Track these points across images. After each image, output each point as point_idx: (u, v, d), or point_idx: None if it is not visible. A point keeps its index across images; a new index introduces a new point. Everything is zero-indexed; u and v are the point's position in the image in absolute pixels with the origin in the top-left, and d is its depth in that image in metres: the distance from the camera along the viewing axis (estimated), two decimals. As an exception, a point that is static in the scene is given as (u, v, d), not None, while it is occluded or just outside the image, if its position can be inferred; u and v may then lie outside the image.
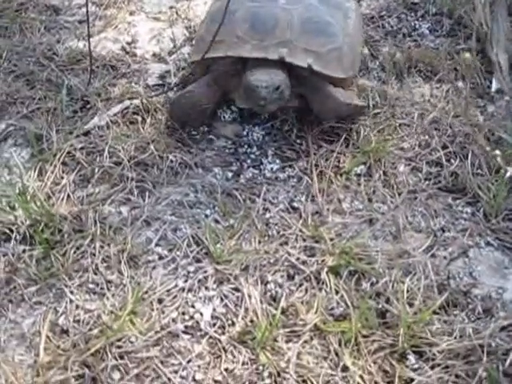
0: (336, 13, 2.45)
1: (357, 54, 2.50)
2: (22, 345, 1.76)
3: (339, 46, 2.35)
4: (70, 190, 2.15)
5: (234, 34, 2.32)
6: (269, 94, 2.16)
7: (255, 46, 2.28)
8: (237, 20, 2.34)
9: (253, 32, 2.30)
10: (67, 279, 1.88)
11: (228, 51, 2.31)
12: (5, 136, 2.40)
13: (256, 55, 2.26)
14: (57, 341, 1.75)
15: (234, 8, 2.33)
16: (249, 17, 2.34)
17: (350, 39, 2.42)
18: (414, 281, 1.84)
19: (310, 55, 2.28)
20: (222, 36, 2.31)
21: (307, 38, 2.31)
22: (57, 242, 1.98)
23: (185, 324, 1.76)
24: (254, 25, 2.32)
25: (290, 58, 2.26)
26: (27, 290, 1.88)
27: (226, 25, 2.30)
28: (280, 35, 2.29)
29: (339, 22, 2.42)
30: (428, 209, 2.09)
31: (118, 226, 2.01)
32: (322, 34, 2.34)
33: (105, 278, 1.88)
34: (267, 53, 2.26)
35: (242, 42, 2.30)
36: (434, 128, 2.36)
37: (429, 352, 1.68)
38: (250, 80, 2.18)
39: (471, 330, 1.72)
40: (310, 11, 2.38)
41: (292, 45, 2.28)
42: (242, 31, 2.31)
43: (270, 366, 1.65)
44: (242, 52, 2.29)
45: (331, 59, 2.32)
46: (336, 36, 2.37)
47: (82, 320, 1.78)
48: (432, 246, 1.97)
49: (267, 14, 2.34)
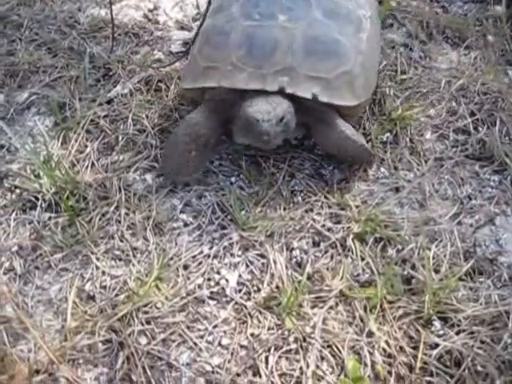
0: (346, 27, 2.10)
1: (372, 74, 2.19)
2: (49, 310, 1.79)
3: (350, 68, 2.03)
4: (94, 157, 2.16)
5: (228, 60, 2.02)
6: (272, 128, 1.89)
7: (252, 75, 1.98)
8: (232, 43, 2.04)
9: (249, 58, 2.00)
10: (93, 246, 1.89)
11: (221, 81, 2.01)
12: (28, 105, 2.41)
13: (253, 86, 1.97)
14: (84, 306, 1.77)
15: (228, 27, 2.08)
16: (244, 39, 2.04)
17: (362, 58, 2.08)
18: (439, 248, 1.83)
19: (315, 83, 1.98)
20: (215, 61, 2.05)
21: (312, 62, 2.00)
22: (82, 209, 1.99)
23: (210, 290, 1.77)
24: (250, 49, 2.01)
25: (292, 89, 1.97)
26: (53, 256, 1.89)
27: (220, 47, 2.06)
28: (280, 61, 1.99)
29: (350, 39, 2.08)
30: (455, 176, 2.07)
31: (143, 194, 2.02)
32: (330, 56, 2.03)
33: (130, 244, 1.89)
34: (265, 83, 1.97)
35: (238, 70, 2.00)
36: (461, 95, 2.33)
37: (454, 318, 1.68)
38: (250, 112, 1.90)
39: (497, 297, 1.72)
40: (314, 29, 2.05)
41: (294, 72, 1.98)
42: (237, 57, 2.01)
43: (295, 331, 1.66)
44: (236, 82, 1.99)
45: (340, 85, 2.01)
46: (346, 56, 2.04)
47: (109, 286, 1.80)
48: (458, 213, 1.96)
49: (265, 36, 2.03)
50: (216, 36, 2.10)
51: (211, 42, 2.10)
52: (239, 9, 2.14)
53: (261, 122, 1.87)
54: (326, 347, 1.64)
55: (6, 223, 2.00)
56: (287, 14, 2.07)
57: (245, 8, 2.13)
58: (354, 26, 2.12)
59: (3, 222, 2.01)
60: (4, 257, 1.91)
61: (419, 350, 1.63)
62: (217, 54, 2.06)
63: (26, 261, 1.90)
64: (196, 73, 2.10)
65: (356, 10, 2.18)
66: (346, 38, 2.08)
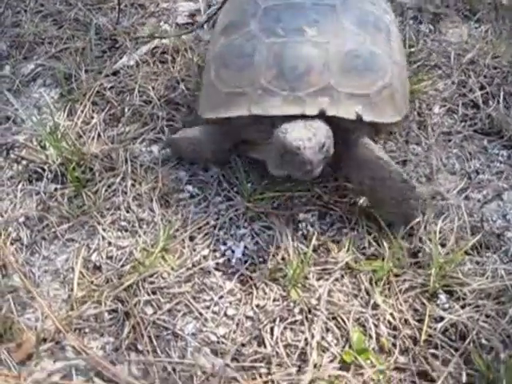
0: (378, 36, 1.94)
1: (407, 84, 2.04)
2: (56, 280, 1.80)
3: (389, 81, 1.87)
4: (100, 129, 2.15)
5: (256, 84, 1.82)
6: (315, 156, 1.68)
7: (287, 99, 1.78)
8: (258, 64, 1.84)
9: (281, 80, 1.81)
10: (99, 217, 1.90)
11: (252, 108, 1.80)
12: (33, 76, 2.40)
13: (290, 111, 1.77)
14: (90, 276, 1.78)
15: (250, 47, 1.88)
16: (273, 59, 1.83)
17: (398, 68, 1.94)
18: (446, 222, 1.83)
19: (357, 101, 1.80)
20: (240, 86, 1.85)
21: (350, 78, 1.82)
22: (88, 180, 1.99)
23: (216, 261, 1.78)
24: (281, 70, 1.81)
25: (333, 110, 1.77)
26: (60, 227, 1.90)
27: (245, 70, 1.86)
28: (316, 80, 1.80)
29: (384, 49, 1.92)
30: (463, 151, 2.05)
31: (149, 165, 2.01)
32: (368, 71, 1.85)
33: (136, 215, 1.89)
34: (304, 106, 1.77)
35: (269, 94, 1.80)
36: (471, 69, 2.30)
37: (460, 292, 1.68)
38: (288, 140, 1.68)
39: (503, 271, 1.72)
40: (347, 41, 1.87)
41: (334, 91, 1.79)
42: (266, 79, 1.82)
43: (300, 302, 1.66)
44: (270, 108, 1.79)
45: (382, 101, 1.85)
46: (383, 69, 1.88)
47: (115, 256, 1.81)
48: (466, 188, 1.95)
49: (296, 54, 1.83)
50: (237, 58, 1.89)
51: (231, 64, 1.90)
52: (258, 25, 1.93)
53: (302, 150, 1.66)
54: (331, 319, 1.64)
55: (12, 194, 2.01)
56: (315, 27, 1.88)
57: (264, 23, 1.92)
58: (384, 34, 1.97)
59: (10, 192, 2.01)
60: (11, 227, 1.92)
61: (424, 322, 1.63)
62: (241, 77, 1.86)
63: (32, 231, 1.91)
64: (217, 100, 1.90)
65: (382, 16, 2.02)
66: (381, 48, 1.92)
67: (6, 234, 1.90)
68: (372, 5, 2.03)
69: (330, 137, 1.75)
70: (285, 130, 1.72)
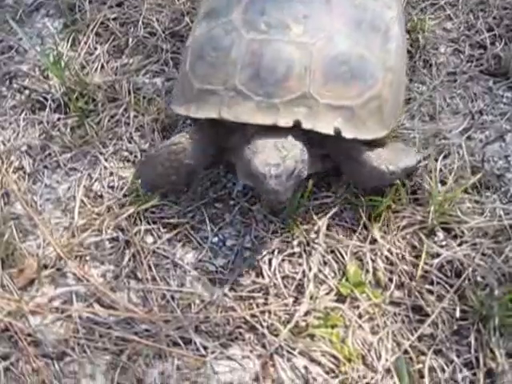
0: (372, 37, 1.74)
1: (401, 91, 1.85)
2: (57, 208, 1.82)
3: (378, 91, 1.69)
4: (104, 60, 2.14)
5: (230, 84, 1.67)
6: (282, 185, 1.53)
7: (260, 105, 1.62)
8: (234, 62, 1.68)
9: (256, 82, 1.64)
10: (101, 147, 1.90)
11: (222, 111, 1.65)
12: (36, 6, 2.37)
13: (262, 121, 1.62)
14: (91, 205, 1.80)
15: (228, 41, 1.71)
16: (250, 58, 1.66)
17: (392, 75, 1.74)
18: (447, 161, 1.82)
19: (338, 114, 1.64)
20: (213, 83, 1.70)
21: (333, 87, 1.65)
22: (91, 110, 2.00)
23: (217, 193, 1.79)
24: (258, 72, 1.64)
25: (310, 123, 1.62)
26: (62, 156, 1.91)
27: (219, 67, 1.70)
28: (295, 87, 1.63)
29: (377, 53, 1.73)
30: (467, 91, 2.03)
31: (152, 97, 2.01)
32: (354, 79, 1.67)
33: (139, 146, 1.90)
34: (277, 116, 1.61)
35: (242, 97, 1.65)
36: (480, 9, 2.25)
37: (457, 229, 1.69)
38: (254, 164, 1.55)
39: (502, 211, 1.72)
40: (335, 44, 1.68)
41: (313, 100, 1.63)
42: (241, 81, 1.66)
43: (299, 235, 1.68)
44: (241, 114, 1.63)
45: (367, 114, 1.68)
46: (373, 77, 1.69)
47: (116, 186, 1.83)
48: (469, 128, 1.93)
49: (276, 55, 1.65)
50: (213, 51, 1.72)
51: (207, 57, 1.73)
52: (241, 15, 1.75)
53: (267, 180, 1.52)
54: (328, 252, 1.66)
55: (15, 123, 2.02)
56: (302, 24, 1.70)
57: (248, 15, 1.74)
58: (380, 35, 1.76)
59: (12, 122, 2.02)
60: (14, 156, 1.93)
61: (421, 259, 1.64)
62: (215, 74, 1.70)
63: (34, 160, 1.92)
64: (189, 96, 1.74)
65: (383, 13, 1.82)
66: (373, 52, 1.72)
67: (9, 162, 1.91)
68: (374, 0, 1.84)
69: (304, 160, 1.61)
70: (253, 149, 1.59)
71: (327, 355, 1.49)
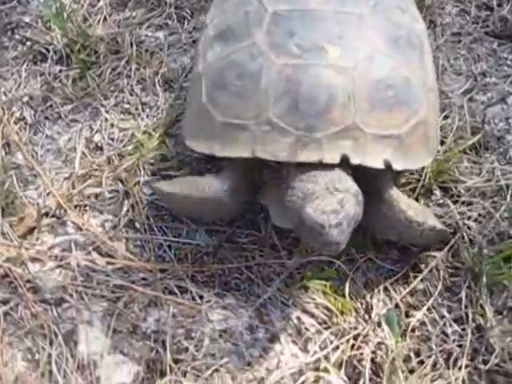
0: (412, 56, 1.57)
1: (438, 110, 1.69)
2: (58, 159, 1.83)
3: (425, 116, 1.53)
4: (106, 12, 2.13)
5: (263, 118, 1.45)
6: (343, 234, 1.31)
7: (301, 141, 1.42)
8: (265, 91, 1.46)
9: (295, 115, 1.43)
10: (103, 99, 1.91)
11: (256, 150, 1.44)
12: (39, -43, 2.35)
13: (304, 158, 1.41)
14: (92, 156, 1.81)
15: (255, 67, 1.48)
16: (285, 87, 1.45)
17: (433, 95, 1.60)
18: (447, 121, 1.83)
19: (386, 144, 1.46)
20: (240, 117, 1.48)
21: (380, 114, 1.46)
22: (93, 63, 2.00)
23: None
24: (296, 102, 1.43)
25: (358, 157, 1.42)
26: (63, 108, 1.92)
27: (248, 97, 1.48)
28: (339, 117, 1.43)
29: (419, 73, 1.56)
30: (471, 52, 2.02)
31: (155, 50, 2.01)
32: (402, 105, 1.49)
33: (140, 99, 1.91)
34: (322, 152, 1.41)
35: (279, 132, 1.43)
36: (487, -31, 2.23)
37: (454, 189, 1.70)
38: (307, 213, 1.32)
39: (499, 172, 1.72)
40: (377, 67, 1.50)
41: (358, 131, 1.43)
42: (276, 113, 1.44)
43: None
44: (280, 152, 1.42)
45: (416, 141, 1.51)
46: (419, 101, 1.52)
47: (117, 138, 1.84)
48: (471, 89, 1.93)
49: (315, 82, 1.44)
50: (237, 79, 1.50)
51: (230, 86, 1.50)
52: (265, 37, 1.52)
53: (327, 230, 1.29)
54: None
55: (17, 74, 2.02)
56: (339, 46, 1.50)
57: (274, 36, 1.51)
58: (417, 53, 1.60)
59: (14, 72, 2.02)
60: (15, 107, 1.94)
61: (417, 216, 1.66)
62: (242, 105, 1.48)
63: (36, 111, 1.93)
64: (210, 131, 1.52)
65: (414, 27, 1.64)
66: (414, 72, 1.55)
67: (10, 113, 1.92)
68: (402, 12, 1.65)
69: (361, 201, 1.39)
70: (300, 194, 1.38)
71: (320, 307, 1.52)
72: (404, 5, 1.68)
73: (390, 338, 1.44)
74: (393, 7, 1.64)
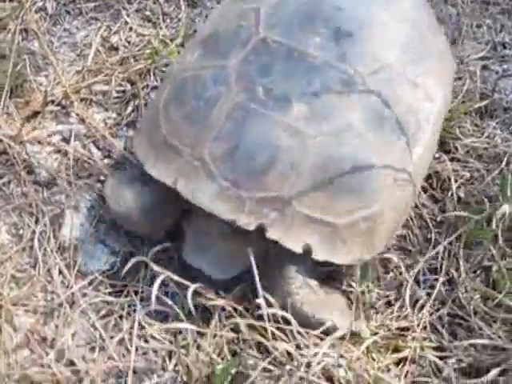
0: (394, 141, 1.38)
1: (407, 210, 1.48)
2: (72, 52, 1.87)
3: (376, 211, 1.34)
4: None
5: (198, 152, 1.34)
6: None
7: (224, 193, 1.31)
8: (211, 124, 1.35)
9: (227, 164, 1.32)
10: (126, 2, 1.93)
11: (179, 183, 1.34)
12: None
13: (219, 213, 1.30)
14: (106, 55, 1.83)
15: (215, 93, 1.37)
16: (229, 129, 1.33)
17: (401, 193, 1.39)
18: (458, 83, 1.83)
19: (315, 231, 1.31)
20: (182, 141, 1.37)
21: (322, 196, 1.31)
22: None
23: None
24: (234, 150, 1.32)
25: (276, 233, 1.30)
26: (86, 4, 1.95)
27: (194, 121, 1.37)
28: (272, 184, 1.30)
29: (392, 162, 1.36)
30: (496, 23, 2.03)
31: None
32: (350, 192, 1.33)
33: (162, 9, 1.93)
34: (240, 214, 1.30)
35: (207, 174, 1.32)
36: None
37: (452, 146, 1.71)
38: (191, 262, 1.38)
39: (499, 139, 1.74)
40: (340, 144, 1.33)
41: (289, 207, 1.30)
42: (211, 153, 1.33)
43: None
44: (198, 196, 1.31)
45: (353, 236, 1.34)
46: (375, 195, 1.34)
47: (133, 42, 1.86)
48: (488, 58, 1.94)
49: (261, 137, 1.32)
50: (194, 99, 1.38)
51: (186, 104, 1.39)
52: (240, 64, 1.39)
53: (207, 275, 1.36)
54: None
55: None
56: (309, 105, 1.34)
57: (248, 67, 1.38)
58: (404, 141, 1.38)
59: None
60: (38, -3, 1.95)
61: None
62: (187, 129, 1.37)
63: (58, 4, 1.95)
64: (153, 141, 1.42)
65: (420, 107, 1.43)
66: (386, 161, 1.35)
67: (33, 1, 1.93)
68: (413, 87, 1.43)
69: None
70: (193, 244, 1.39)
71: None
72: (421, 79, 1.45)
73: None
74: (403, 79, 1.43)
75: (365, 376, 1.29)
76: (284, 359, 1.26)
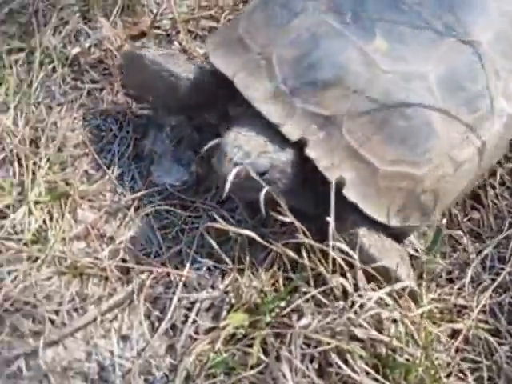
0: (462, 114, 1.33)
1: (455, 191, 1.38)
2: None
3: (422, 174, 1.30)
4: None
5: (267, 51, 1.35)
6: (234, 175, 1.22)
7: (278, 95, 1.30)
8: (288, 31, 1.36)
9: (292, 69, 1.32)
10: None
11: (237, 76, 1.34)
12: None
13: (266, 112, 1.29)
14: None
15: (300, 5, 1.38)
16: (305, 39, 1.34)
17: (452, 167, 1.33)
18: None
19: (355, 166, 1.28)
20: (255, 39, 1.38)
21: (372, 133, 1.28)
22: None
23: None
24: (301, 58, 1.32)
25: (315, 152, 1.27)
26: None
27: (273, 25, 1.38)
28: (329, 102, 1.29)
29: (458, 127, 1.32)
30: None
31: None
32: (403, 140, 1.29)
33: None
34: (287, 119, 1.29)
35: (268, 74, 1.33)
36: None
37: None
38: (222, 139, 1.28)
39: None
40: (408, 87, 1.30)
41: (338, 131, 1.28)
42: (279, 56, 1.34)
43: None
44: (252, 92, 1.31)
45: (391, 190, 1.29)
46: (423, 154, 1.29)
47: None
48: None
49: (333, 55, 1.31)
50: (280, 6, 1.40)
51: (271, 8, 1.41)
52: None
53: (221, 160, 1.25)
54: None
55: None
56: (391, 43, 1.32)
57: None
58: (471, 118, 1.34)
59: None
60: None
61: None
62: (263, 31, 1.38)
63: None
64: (228, 35, 1.44)
65: (495, 97, 1.37)
66: (448, 130, 1.31)
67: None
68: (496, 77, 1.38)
69: (285, 173, 1.30)
70: (233, 126, 1.31)
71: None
72: (505, 74, 1.40)
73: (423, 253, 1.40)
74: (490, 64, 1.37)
75: (416, 337, 1.24)
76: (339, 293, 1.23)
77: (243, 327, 1.26)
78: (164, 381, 1.27)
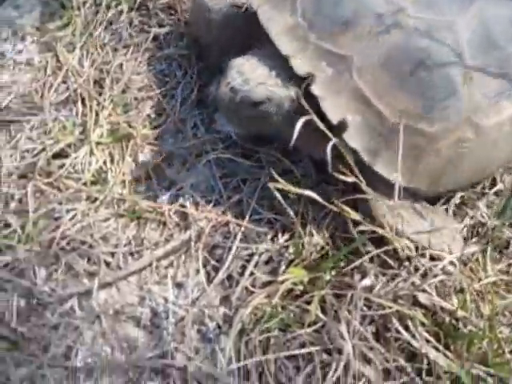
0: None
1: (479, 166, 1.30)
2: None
3: (434, 133, 1.21)
4: None
5: None
6: (230, 100, 1.25)
7: (295, 28, 1.28)
8: None
9: (316, 6, 1.29)
10: None
11: (261, 6, 1.32)
12: None
13: (278, 42, 1.26)
14: None
15: None
16: None
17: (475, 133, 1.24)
18: None
19: (358, 110, 1.21)
20: None
21: (384, 79, 1.22)
22: None
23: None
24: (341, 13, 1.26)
25: (320, 90, 1.22)
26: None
27: None
28: (345, 42, 1.24)
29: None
30: None
31: None
32: (417, 94, 1.21)
33: None
34: (298, 52, 1.25)
35: (290, 9, 1.31)
36: None
37: None
38: (231, 62, 1.29)
39: None
40: (433, 36, 1.22)
41: (348, 74, 1.23)
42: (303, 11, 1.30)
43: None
44: (271, 24, 1.30)
45: (396, 146, 1.19)
46: (443, 114, 1.21)
47: None
48: None
49: (361, 10, 1.26)
50: None
51: None
52: None
53: (221, 82, 1.28)
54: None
55: None
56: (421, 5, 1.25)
57: None
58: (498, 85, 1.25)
59: None
60: None
61: None
62: None
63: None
64: None
65: None
66: (470, 92, 1.22)
67: None
68: None
69: (281, 107, 1.28)
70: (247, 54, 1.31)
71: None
72: None
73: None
74: None
75: (480, 306, 1.19)
76: (403, 253, 1.18)
77: (302, 283, 1.22)
78: (217, 332, 1.23)
